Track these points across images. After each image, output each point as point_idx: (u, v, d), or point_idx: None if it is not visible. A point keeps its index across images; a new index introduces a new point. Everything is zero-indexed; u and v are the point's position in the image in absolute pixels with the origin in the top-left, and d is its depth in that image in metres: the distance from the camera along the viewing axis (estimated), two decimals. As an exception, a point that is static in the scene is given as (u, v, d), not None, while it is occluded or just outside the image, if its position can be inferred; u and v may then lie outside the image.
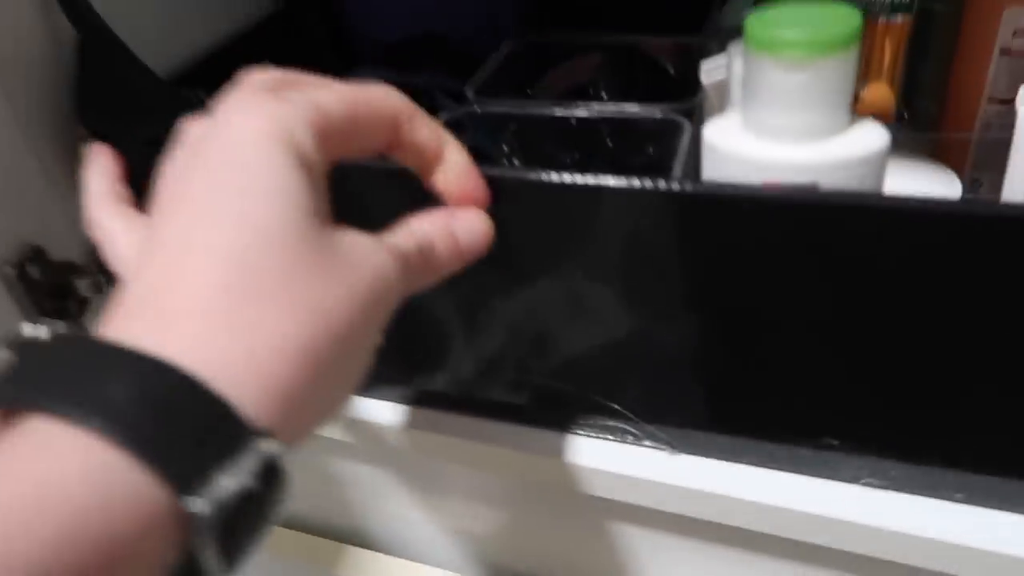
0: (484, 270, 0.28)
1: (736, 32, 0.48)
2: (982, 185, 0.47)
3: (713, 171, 0.32)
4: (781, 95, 0.29)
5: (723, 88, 0.38)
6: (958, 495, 0.33)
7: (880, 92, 0.47)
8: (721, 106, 0.38)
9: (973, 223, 0.26)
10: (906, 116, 0.50)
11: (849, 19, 0.28)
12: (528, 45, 0.51)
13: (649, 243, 0.30)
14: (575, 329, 0.34)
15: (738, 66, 0.35)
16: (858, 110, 0.48)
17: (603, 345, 0.35)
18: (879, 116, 0.47)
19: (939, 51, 0.47)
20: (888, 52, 0.46)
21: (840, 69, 0.28)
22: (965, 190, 0.46)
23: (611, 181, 0.29)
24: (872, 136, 0.30)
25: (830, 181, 0.29)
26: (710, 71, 0.38)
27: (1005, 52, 0.43)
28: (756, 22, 0.28)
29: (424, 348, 0.39)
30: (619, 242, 0.31)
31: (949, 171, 0.43)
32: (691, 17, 0.53)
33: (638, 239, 0.30)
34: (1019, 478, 0.32)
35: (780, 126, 0.29)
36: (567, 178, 0.29)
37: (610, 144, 0.43)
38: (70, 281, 0.42)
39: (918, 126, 0.50)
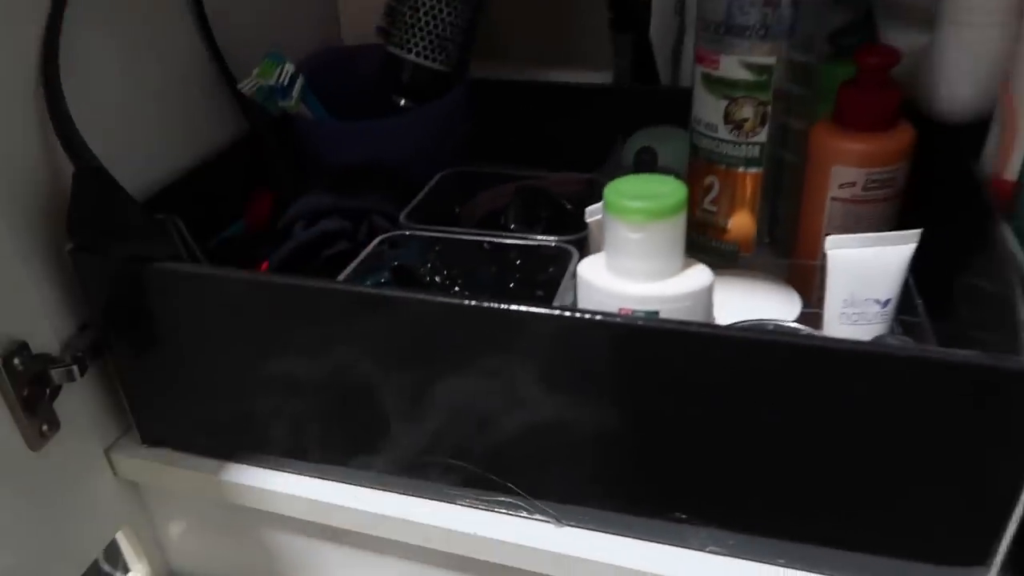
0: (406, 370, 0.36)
1: (625, 172, 0.58)
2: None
3: (585, 297, 0.41)
4: (629, 247, 0.38)
5: (601, 226, 0.47)
6: (780, 560, 0.41)
7: (743, 218, 0.57)
8: (600, 238, 0.48)
9: (758, 346, 0.35)
10: (767, 241, 0.60)
11: (677, 192, 0.37)
12: (457, 174, 0.61)
13: (534, 352, 0.39)
14: (480, 420, 0.42)
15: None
16: (725, 237, 0.58)
17: (502, 435, 0.42)
18: (742, 242, 0.58)
19: (792, 192, 0.57)
20: (748, 192, 0.56)
21: (671, 230, 0.38)
22: (813, 305, 0.56)
23: (507, 305, 0.37)
24: (700, 277, 0.39)
25: (668, 310, 0.38)
26: (591, 212, 0.48)
27: (835, 199, 0.53)
28: (611, 192, 0.38)
29: (357, 430, 0.46)
30: (514, 351, 0.39)
31: (794, 293, 0.53)
32: (593, 157, 0.64)
33: (524, 349, 0.39)
34: (829, 546, 0.41)
35: (630, 269, 0.39)
36: (463, 300, 0.38)
37: (517, 263, 0.52)
38: (46, 370, 0.48)
39: (779, 249, 0.60)
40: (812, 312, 0.54)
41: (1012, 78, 0.47)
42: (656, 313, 0.38)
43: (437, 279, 0.50)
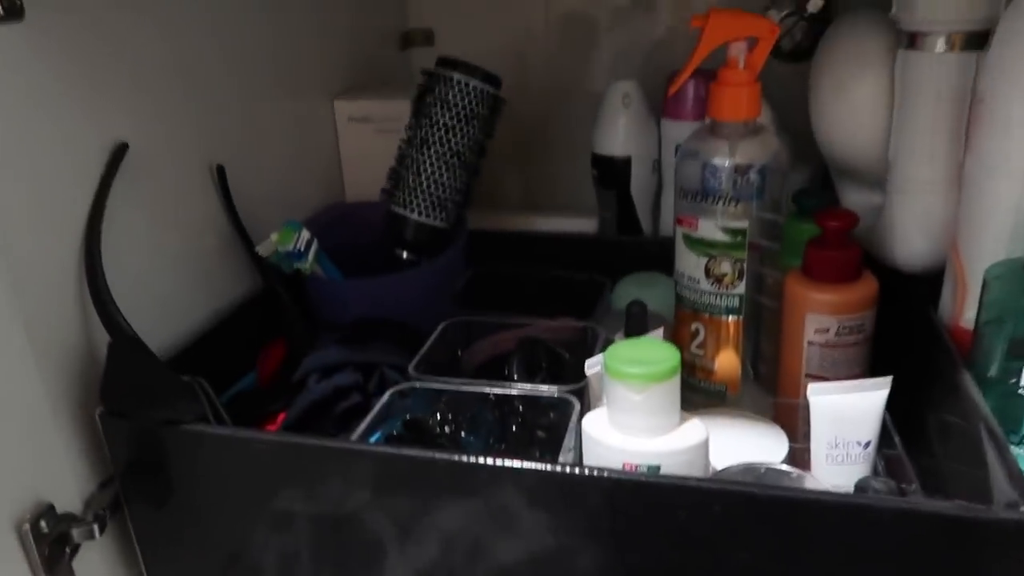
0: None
1: (616, 318, 0.63)
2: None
3: (590, 452, 0.44)
4: (629, 407, 0.42)
5: (600, 377, 0.51)
6: None
7: (728, 361, 0.62)
8: (600, 389, 0.51)
9: (757, 501, 0.38)
10: (753, 376, 0.64)
11: (670, 357, 0.42)
12: (460, 323, 0.65)
13: (538, 507, 0.42)
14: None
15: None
16: (713, 378, 0.62)
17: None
18: (729, 382, 0.62)
19: (772, 334, 0.62)
20: (731, 337, 0.61)
21: (666, 391, 0.42)
22: (799, 441, 0.59)
23: (510, 462, 0.40)
24: (696, 432, 0.43)
25: (669, 463, 0.42)
26: (591, 365, 0.52)
27: (811, 343, 0.58)
28: (611, 358, 0.42)
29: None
30: (524, 504, 0.42)
31: (781, 432, 0.57)
32: (583, 300, 0.69)
33: (534, 501, 0.42)
34: None
35: (631, 426, 0.42)
36: (469, 459, 0.41)
37: (520, 411, 0.56)
38: (69, 530, 0.50)
39: (765, 385, 0.64)
40: (799, 447, 0.57)
41: (957, 239, 0.53)
42: (658, 468, 0.42)
43: (446, 429, 0.53)
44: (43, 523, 0.47)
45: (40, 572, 0.47)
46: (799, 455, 0.57)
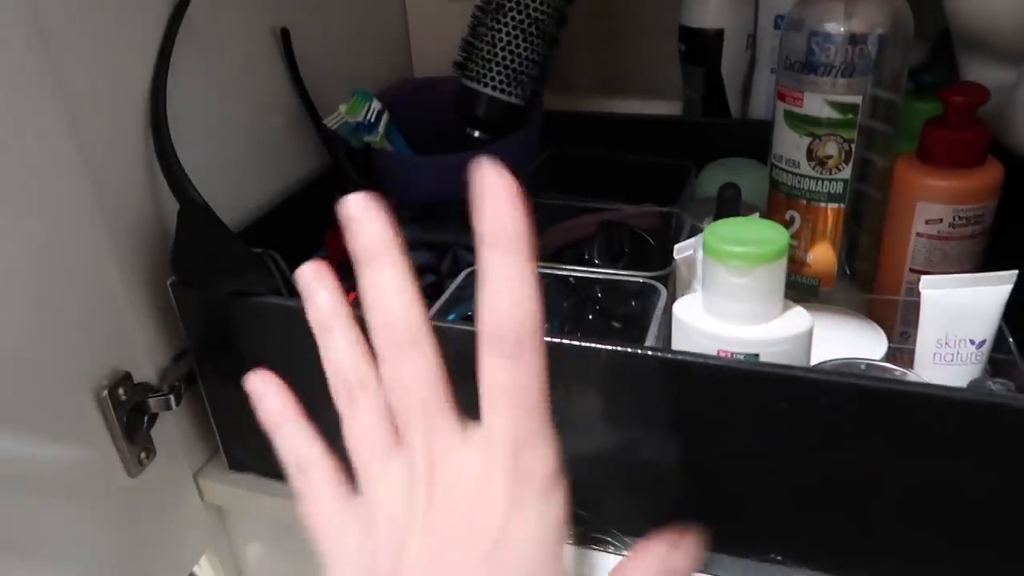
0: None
1: (702, 204, 0.59)
2: (909, 336, 0.56)
3: (680, 338, 0.41)
4: (729, 291, 0.38)
5: (691, 262, 0.48)
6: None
7: (824, 253, 0.57)
8: (689, 276, 0.48)
9: (859, 391, 0.35)
10: (848, 273, 0.60)
11: (778, 238, 0.38)
12: (534, 206, 0.61)
13: (631, 392, 0.39)
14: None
15: (701, 252, 0.45)
16: (806, 272, 0.58)
17: (593, 473, 0.43)
18: (824, 277, 0.58)
19: (872, 226, 0.57)
20: (830, 228, 0.56)
21: (772, 274, 0.38)
22: (895, 340, 0.55)
23: (602, 344, 0.38)
24: (799, 321, 0.39)
25: (767, 353, 0.39)
26: (681, 249, 0.48)
27: (920, 235, 0.53)
28: (711, 236, 0.38)
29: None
30: (610, 388, 0.40)
31: (879, 330, 0.53)
32: (665, 188, 0.65)
33: (624, 386, 0.39)
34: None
35: (729, 312, 0.39)
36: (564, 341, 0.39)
37: (600, 297, 0.53)
38: (146, 399, 0.50)
39: (858, 282, 0.60)
40: (896, 347, 0.53)
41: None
42: (757, 356, 0.38)
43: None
44: (121, 391, 0.47)
45: (119, 439, 0.48)
46: (897, 357, 0.54)
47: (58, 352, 0.43)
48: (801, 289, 0.58)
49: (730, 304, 0.39)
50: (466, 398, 0.26)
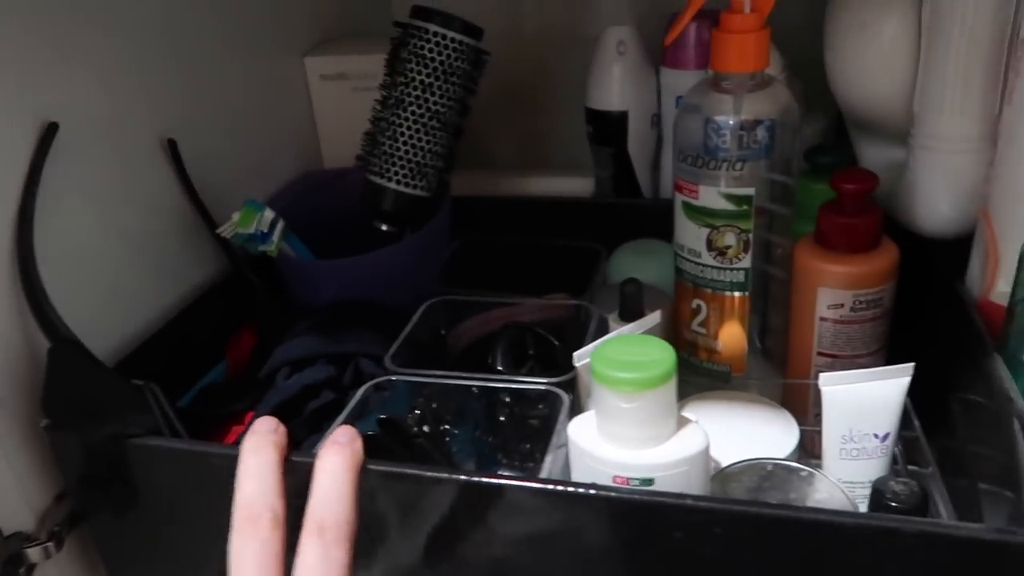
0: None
1: (613, 292, 0.58)
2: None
3: (577, 462, 0.40)
4: (620, 415, 0.37)
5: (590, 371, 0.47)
6: None
7: (733, 339, 0.57)
8: (590, 381, 0.47)
9: (756, 520, 0.34)
10: (760, 351, 0.59)
11: (665, 360, 0.37)
12: (443, 303, 0.60)
13: (526, 522, 0.38)
14: None
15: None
16: (716, 358, 0.58)
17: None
18: (734, 360, 0.57)
19: (780, 306, 0.57)
20: (736, 315, 0.56)
21: (662, 397, 0.37)
22: (810, 423, 0.55)
23: (478, 478, 0.36)
24: (694, 440, 0.38)
25: (663, 477, 0.37)
26: (580, 356, 0.47)
27: (824, 319, 0.53)
28: (598, 360, 0.37)
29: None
30: (502, 521, 0.38)
31: (790, 418, 0.52)
32: (580, 274, 0.64)
33: (514, 518, 0.37)
34: None
35: (622, 436, 0.38)
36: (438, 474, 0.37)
37: (507, 402, 0.51)
38: (21, 550, 0.46)
39: (773, 360, 0.59)
40: (810, 430, 0.53)
41: (989, 203, 0.47)
42: (651, 481, 0.37)
43: (425, 428, 0.49)
44: (-12, 546, 0.44)
45: (-10, 595, 0.44)
46: (810, 439, 0.53)
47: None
48: (713, 376, 0.57)
49: (622, 429, 0.38)
50: None
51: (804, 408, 0.55)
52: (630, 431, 0.37)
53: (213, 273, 0.62)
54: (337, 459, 0.35)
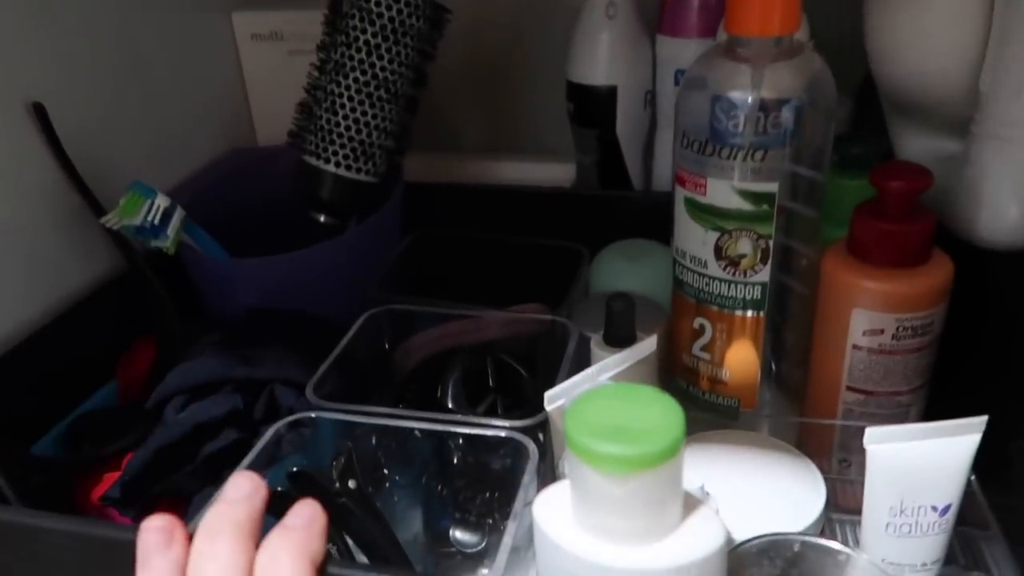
0: None
1: (595, 304, 0.47)
2: (850, 465, 0.46)
3: (546, 557, 0.29)
4: (605, 502, 0.26)
5: (563, 415, 0.36)
6: None
7: (743, 368, 0.46)
8: (563, 427, 0.36)
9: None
10: (773, 376, 0.49)
11: (671, 425, 0.26)
12: (388, 313, 0.49)
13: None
14: None
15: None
16: (722, 390, 0.47)
17: None
18: (744, 393, 0.47)
19: (799, 325, 0.46)
20: (748, 336, 0.45)
21: (664, 477, 0.26)
22: (834, 471, 0.45)
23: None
24: (707, 532, 0.27)
25: (665, 585, 0.27)
26: (552, 398, 0.36)
27: (857, 348, 0.42)
28: (576, 425, 0.26)
29: None
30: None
31: (813, 468, 0.42)
32: (557, 279, 0.53)
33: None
34: None
35: (607, 528, 0.27)
36: None
37: (459, 452, 0.40)
38: None
39: (786, 390, 0.49)
40: (835, 480, 0.43)
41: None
42: (649, 595, 0.26)
43: (351, 484, 0.38)
44: None
45: None
46: (839, 491, 0.43)
47: None
48: (718, 411, 0.47)
49: (607, 518, 0.27)
50: None
51: (825, 451, 0.45)
52: (619, 523, 0.27)
53: (103, 271, 0.50)
54: (283, 555, 0.26)
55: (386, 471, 0.43)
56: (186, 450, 0.39)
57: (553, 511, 0.29)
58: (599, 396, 0.28)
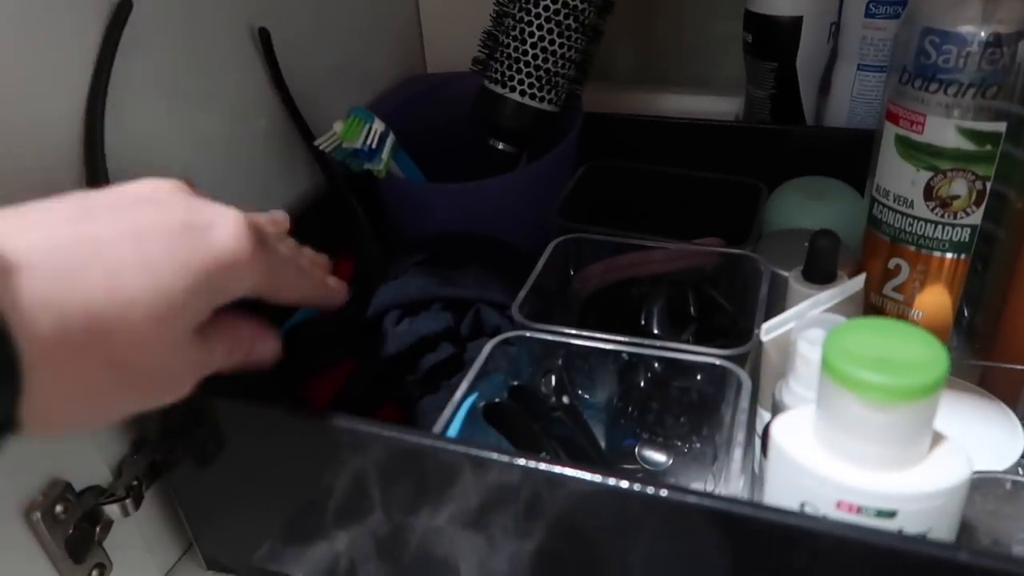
0: None
1: (776, 241, 0.47)
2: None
3: (779, 472, 0.31)
4: (863, 428, 0.28)
5: (783, 347, 0.37)
6: None
7: (938, 312, 0.46)
8: (781, 363, 0.37)
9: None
10: (964, 325, 0.48)
11: (935, 360, 0.27)
12: (573, 241, 0.51)
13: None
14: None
15: (804, 348, 0.34)
16: (918, 324, 0.47)
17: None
18: (937, 331, 0.47)
19: (998, 277, 0.46)
20: (948, 283, 0.45)
21: (924, 411, 0.27)
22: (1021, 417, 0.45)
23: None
24: (953, 466, 0.28)
25: (908, 511, 0.28)
26: (770, 329, 0.37)
27: (1063, 295, 0.42)
28: (835, 352, 0.27)
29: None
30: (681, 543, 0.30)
31: (1006, 409, 0.42)
32: (733, 215, 0.53)
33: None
34: None
35: (858, 453, 0.28)
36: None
37: (661, 378, 0.42)
38: (97, 506, 0.40)
39: (971, 338, 0.49)
40: None
41: None
42: (894, 514, 0.28)
43: (565, 399, 0.40)
44: (59, 508, 0.38)
45: (63, 561, 0.38)
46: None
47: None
48: (904, 353, 0.47)
49: (859, 444, 0.28)
50: None
51: (1014, 399, 0.45)
52: (874, 448, 0.28)
53: (304, 191, 0.54)
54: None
55: (585, 397, 0.46)
56: (409, 361, 0.43)
57: (793, 434, 0.31)
58: (857, 327, 0.29)
